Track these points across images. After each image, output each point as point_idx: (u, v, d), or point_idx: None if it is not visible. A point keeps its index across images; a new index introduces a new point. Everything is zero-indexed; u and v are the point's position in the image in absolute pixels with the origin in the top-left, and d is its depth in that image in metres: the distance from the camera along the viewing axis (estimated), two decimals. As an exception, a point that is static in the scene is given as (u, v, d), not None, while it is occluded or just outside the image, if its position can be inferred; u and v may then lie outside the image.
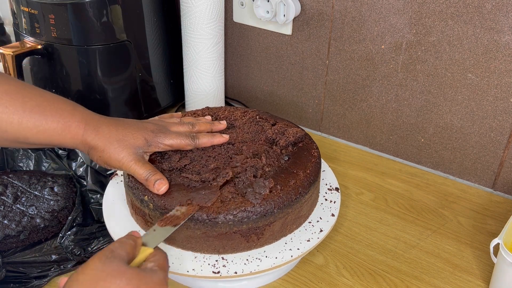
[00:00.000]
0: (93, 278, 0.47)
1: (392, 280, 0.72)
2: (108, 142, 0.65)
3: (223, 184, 0.65)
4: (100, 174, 0.86)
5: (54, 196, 0.80)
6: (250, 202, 0.63)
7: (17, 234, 0.74)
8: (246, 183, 0.65)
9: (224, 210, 0.62)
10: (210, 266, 0.63)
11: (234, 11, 1.04)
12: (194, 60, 0.99)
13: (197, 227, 0.62)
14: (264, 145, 0.73)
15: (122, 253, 0.51)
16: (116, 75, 0.98)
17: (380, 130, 0.98)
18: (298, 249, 0.66)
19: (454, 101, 0.87)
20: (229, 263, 0.64)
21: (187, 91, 1.04)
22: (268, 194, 0.64)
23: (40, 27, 0.92)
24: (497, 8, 0.77)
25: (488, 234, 0.80)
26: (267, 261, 0.64)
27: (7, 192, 0.80)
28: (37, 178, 0.84)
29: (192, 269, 0.63)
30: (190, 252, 0.65)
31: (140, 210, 0.66)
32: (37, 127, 0.62)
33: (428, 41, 0.85)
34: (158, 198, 0.64)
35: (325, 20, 0.94)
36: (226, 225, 0.62)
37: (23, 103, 0.61)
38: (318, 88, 1.02)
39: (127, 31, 0.94)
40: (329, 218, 0.71)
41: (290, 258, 0.65)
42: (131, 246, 0.53)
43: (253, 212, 0.62)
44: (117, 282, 0.47)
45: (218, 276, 0.62)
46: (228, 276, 0.62)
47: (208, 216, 0.61)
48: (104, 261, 0.49)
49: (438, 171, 0.94)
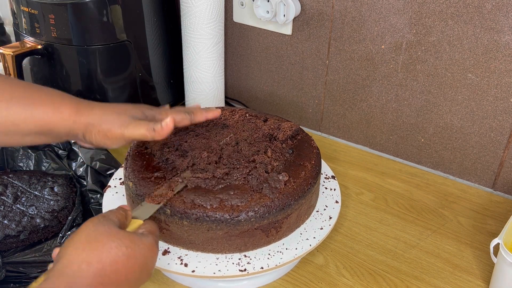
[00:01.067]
0: (86, 238, 0.49)
1: (392, 280, 0.72)
2: (104, 115, 0.63)
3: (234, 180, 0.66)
4: (100, 174, 0.86)
5: (54, 196, 0.80)
6: (268, 197, 0.64)
7: (17, 234, 0.74)
8: (261, 179, 0.66)
9: (245, 208, 0.62)
10: (235, 265, 0.64)
11: (234, 11, 1.04)
12: (194, 60, 0.99)
13: (220, 228, 0.62)
14: (264, 141, 0.74)
15: (114, 218, 0.53)
16: (116, 75, 0.98)
17: (380, 130, 0.98)
18: (314, 238, 0.69)
19: (454, 101, 0.87)
20: (253, 259, 0.65)
21: (187, 91, 1.04)
22: (283, 187, 0.66)
23: (40, 27, 0.92)
24: (497, 8, 0.77)
25: (488, 234, 0.80)
26: (288, 253, 0.66)
27: (7, 192, 0.80)
28: (37, 178, 0.84)
29: (218, 270, 0.63)
30: (211, 254, 0.65)
31: (154, 217, 0.64)
32: (26, 112, 0.59)
33: (428, 41, 0.85)
34: (175, 203, 0.63)
35: (325, 20, 0.94)
36: (248, 222, 0.63)
37: (11, 92, 0.60)
38: (318, 88, 1.02)
39: (127, 31, 0.94)
40: (334, 205, 0.75)
41: (309, 247, 0.67)
42: (121, 215, 0.55)
43: (272, 206, 0.64)
44: (109, 242, 0.49)
45: (245, 274, 0.63)
46: (254, 273, 0.63)
47: (230, 215, 0.62)
48: (97, 223, 0.51)
49: (438, 171, 0.94)
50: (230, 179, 0.65)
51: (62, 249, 0.49)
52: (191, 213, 0.62)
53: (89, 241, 0.49)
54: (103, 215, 0.53)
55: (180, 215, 0.62)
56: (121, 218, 0.54)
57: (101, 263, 0.48)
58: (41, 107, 0.60)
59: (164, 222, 0.64)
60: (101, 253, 0.48)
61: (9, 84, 0.61)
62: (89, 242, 0.49)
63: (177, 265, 0.63)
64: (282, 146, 0.73)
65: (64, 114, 0.61)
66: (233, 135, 0.75)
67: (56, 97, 0.63)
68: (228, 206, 0.62)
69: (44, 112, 0.60)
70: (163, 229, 0.65)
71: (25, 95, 0.60)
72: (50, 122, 0.61)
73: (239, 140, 0.74)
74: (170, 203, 0.62)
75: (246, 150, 0.71)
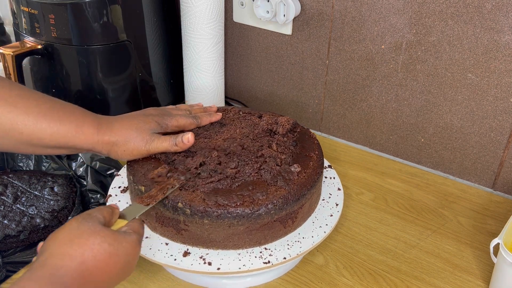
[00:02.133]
0: (69, 236, 0.50)
1: (392, 280, 0.72)
2: (127, 134, 0.68)
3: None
4: (100, 174, 0.86)
5: (54, 196, 0.80)
6: (284, 189, 0.66)
7: (17, 234, 0.74)
8: (274, 173, 0.67)
9: (265, 201, 0.64)
10: (257, 258, 0.65)
11: (234, 11, 1.04)
12: (194, 60, 0.99)
13: (241, 223, 0.63)
14: (266, 136, 0.75)
15: (99, 216, 0.54)
16: (116, 75, 0.98)
17: (380, 130, 0.98)
18: (327, 225, 0.71)
19: (454, 101, 0.87)
20: (274, 251, 0.66)
21: (187, 91, 1.04)
22: (297, 178, 0.68)
23: (40, 27, 0.92)
24: (497, 8, 0.77)
25: (488, 234, 0.80)
26: (306, 242, 0.68)
27: (7, 192, 0.80)
28: (37, 178, 0.84)
29: (243, 265, 0.64)
30: (232, 250, 0.66)
31: (171, 219, 0.65)
32: (51, 128, 0.63)
33: (428, 41, 0.85)
34: (194, 202, 0.63)
35: (325, 20, 0.94)
36: (268, 215, 0.64)
37: (37, 105, 0.63)
38: (318, 88, 1.02)
39: (127, 31, 0.94)
40: (338, 192, 0.78)
41: (324, 234, 0.69)
42: (108, 212, 0.56)
43: (289, 197, 0.65)
44: (91, 239, 0.50)
45: (269, 266, 0.64)
46: (278, 264, 0.65)
47: (251, 209, 0.63)
48: (81, 221, 0.52)
49: (438, 171, 0.94)
50: (243, 176, 0.67)
51: (45, 243, 0.51)
52: (212, 211, 0.62)
53: (72, 238, 0.50)
54: (88, 212, 0.55)
55: (200, 214, 0.63)
56: (106, 215, 0.56)
57: (83, 258, 0.49)
58: (65, 124, 0.64)
59: (183, 223, 0.64)
60: (83, 249, 0.49)
61: (35, 99, 0.64)
62: (72, 238, 0.50)
63: (201, 265, 0.64)
64: (284, 139, 0.74)
65: (86, 134, 0.66)
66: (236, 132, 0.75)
67: (79, 115, 0.67)
68: (249, 201, 0.63)
69: (68, 130, 0.65)
70: (181, 230, 0.65)
71: (51, 112, 0.64)
72: (73, 140, 0.65)
73: (239, 137, 0.74)
74: (189, 204, 0.63)
75: (251, 146, 0.72)
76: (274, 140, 0.74)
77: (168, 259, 0.64)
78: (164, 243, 0.66)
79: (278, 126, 0.76)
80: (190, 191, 0.64)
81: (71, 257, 0.48)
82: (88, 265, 0.49)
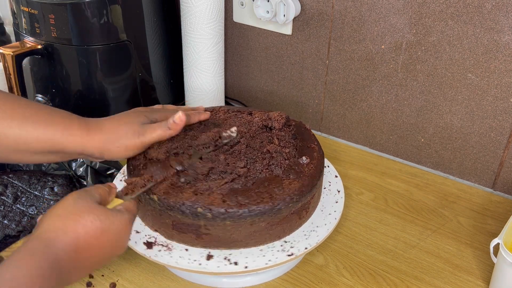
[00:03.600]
0: (65, 212, 0.53)
1: (392, 280, 0.72)
2: (117, 129, 0.66)
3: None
4: (100, 174, 0.86)
5: (54, 196, 0.80)
6: (297, 181, 0.67)
7: (17, 234, 0.74)
8: (284, 167, 0.68)
9: (283, 195, 0.65)
10: (280, 252, 0.66)
11: (234, 11, 1.04)
12: (194, 60, 0.99)
13: (262, 219, 0.64)
14: (264, 132, 0.76)
15: (95, 194, 0.56)
16: (116, 75, 0.98)
17: (380, 130, 0.98)
18: (335, 211, 0.73)
19: (454, 101, 0.87)
20: (294, 243, 0.67)
21: (187, 91, 1.04)
22: (307, 170, 0.69)
23: (40, 27, 0.92)
24: (497, 8, 0.77)
25: (488, 234, 0.80)
26: (321, 230, 0.70)
27: (7, 192, 0.80)
28: (37, 178, 0.84)
29: (268, 260, 0.65)
30: (253, 247, 0.66)
31: (191, 226, 0.64)
32: (37, 130, 0.62)
33: (428, 41, 0.85)
34: (214, 205, 0.62)
35: (325, 20, 0.94)
36: (287, 208, 0.65)
37: (22, 109, 0.62)
38: (318, 88, 1.02)
39: (127, 31, 0.94)
40: (336, 179, 0.80)
41: (335, 220, 0.72)
42: (104, 191, 0.58)
43: (303, 189, 0.67)
44: (84, 216, 0.52)
45: (293, 257, 0.65)
46: (301, 254, 0.66)
47: (271, 205, 0.63)
48: (76, 198, 0.54)
49: (438, 171, 0.94)
50: (254, 173, 0.67)
51: (42, 217, 0.53)
52: (234, 212, 0.62)
53: (67, 214, 0.52)
54: (86, 189, 0.57)
55: (222, 216, 0.62)
56: (103, 193, 0.57)
57: (76, 233, 0.51)
58: (51, 127, 0.63)
59: (204, 227, 0.63)
60: (76, 225, 0.52)
61: (20, 104, 0.63)
62: (67, 215, 0.52)
63: (227, 266, 0.64)
64: (282, 134, 0.75)
65: (75, 136, 0.64)
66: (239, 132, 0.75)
67: (66, 118, 0.65)
68: (267, 197, 0.64)
69: (55, 133, 0.63)
70: (202, 234, 0.64)
71: (37, 115, 0.63)
72: (61, 143, 0.63)
73: (240, 135, 0.74)
74: (209, 208, 0.62)
75: (253, 144, 0.72)
76: (273, 136, 0.74)
77: (192, 264, 0.63)
78: (184, 249, 0.65)
79: (273, 121, 0.77)
80: (205, 194, 0.63)
81: (65, 232, 0.51)
82: (80, 240, 0.51)
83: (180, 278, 0.71)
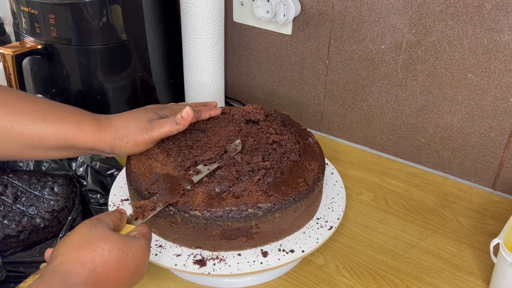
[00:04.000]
0: (79, 241, 0.50)
1: (392, 280, 0.72)
2: (127, 126, 0.68)
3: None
4: (100, 174, 0.86)
5: (54, 196, 0.80)
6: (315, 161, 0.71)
7: (17, 234, 0.74)
8: (298, 152, 0.72)
9: (311, 176, 0.68)
10: (320, 228, 0.70)
11: (234, 11, 1.04)
12: (194, 60, 0.99)
13: (303, 203, 0.67)
14: (253, 127, 0.77)
15: (108, 221, 0.54)
16: (116, 75, 0.98)
17: (380, 130, 0.98)
18: (339, 206, 0.75)
19: (454, 101, 0.87)
20: (325, 217, 0.72)
21: (187, 91, 1.04)
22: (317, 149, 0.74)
23: (40, 27, 0.92)
24: (497, 8, 0.77)
25: (488, 234, 0.80)
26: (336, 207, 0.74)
27: (7, 192, 0.80)
28: (37, 178, 0.83)
29: (317, 239, 0.68)
30: (296, 232, 0.69)
31: (241, 229, 0.64)
32: (51, 127, 0.63)
33: (428, 41, 0.85)
34: (261, 202, 0.63)
35: (325, 20, 0.94)
36: (317, 187, 0.69)
37: (36, 107, 0.63)
38: (318, 88, 1.02)
39: (127, 31, 0.94)
40: (332, 170, 0.82)
41: (343, 199, 0.76)
42: (116, 218, 0.56)
43: (322, 166, 0.71)
44: (101, 245, 0.50)
45: (333, 230, 0.70)
46: (337, 226, 0.70)
47: (307, 187, 0.66)
48: (90, 226, 0.52)
49: (438, 171, 0.94)
50: (276, 163, 0.69)
51: (55, 250, 0.50)
52: (281, 203, 0.64)
53: (82, 243, 0.50)
54: (98, 217, 0.54)
55: (272, 210, 0.64)
56: (115, 220, 0.55)
57: (94, 264, 0.49)
58: (64, 123, 0.64)
59: (255, 227, 0.64)
60: (93, 255, 0.49)
61: (33, 101, 0.64)
62: (82, 244, 0.50)
63: (286, 256, 0.65)
64: (271, 123, 0.78)
65: (87, 132, 0.65)
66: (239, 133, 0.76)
67: (78, 114, 0.66)
68: (303, 182, 0.67)
69: (68, 129, 0.64)
70: (253, 234, 0.64)
71: (49, 112, 0.64)
72: (73, 139, 0.65)
73: (236, 133, 0.75)
74: (257, 205, 0.63)
75: (255, 138, 0.74)
76: (264, 127, 0.76)
77: (256, 265, 0.64)
78: (236, 255, 0.65)
79: (253, 114, 0.78)
80: (246, 195, 0.64)
81: (82, 263, 0.48)
82: (99, 271, 0.49)
83: (180, 278, 0.71)
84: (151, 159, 0.70)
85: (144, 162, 0.69)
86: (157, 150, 0.71)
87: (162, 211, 0.64)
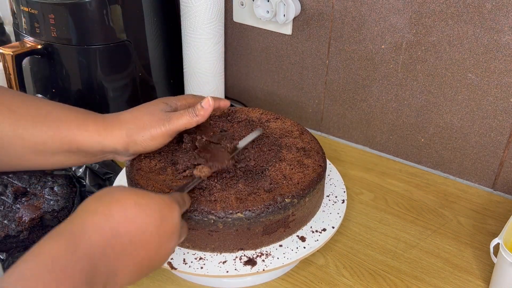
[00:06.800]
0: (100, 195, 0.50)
1: (392, 280, 0.72)
2: (139, 120, 0.63)
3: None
4: (98, 177, 0.86)
5: (54, 196, 0.80)
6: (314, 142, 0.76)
7: (17, 234, 0.74)
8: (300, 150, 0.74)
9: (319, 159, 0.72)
10: (334, 214, 0.72)
11: (234, 11, 1.04)
12: (194, 60, 0.99)
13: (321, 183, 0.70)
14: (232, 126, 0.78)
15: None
16: (116, 75, 0.98)
17: (380, 130, 0.98)
18: (343, 201, 0.76)
19: (454, 101, 0.87)
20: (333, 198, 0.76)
21: (187, 91, 1.04)
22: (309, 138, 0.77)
23: (40, 27, 0.92)
24: (497, 8, 0.77)
25: (488, 234, 0.80)
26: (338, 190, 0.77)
27: (7, 192, 0.80)
28: (37, 178, 0.84)
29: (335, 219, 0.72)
30: (313, 221, 0.71)
31: (281, 220, 0.65)
32: (52, 129, 0.59)
33: (428, 41, 0.85)
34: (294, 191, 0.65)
35: (325, 20, 0.94)
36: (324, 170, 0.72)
37: (37, 109, 0.60)
38: (318, 88, 1.02)
39: (127, 31, 0.94)
40: (329, 166, 0.84)
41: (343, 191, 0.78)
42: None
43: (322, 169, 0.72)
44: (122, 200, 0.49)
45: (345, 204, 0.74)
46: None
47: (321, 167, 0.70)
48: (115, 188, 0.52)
49: (438, 171, 0.94)
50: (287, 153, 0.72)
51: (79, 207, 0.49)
52: (310, 188, 0.67)
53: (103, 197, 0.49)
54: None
55: (303, 196, 0.66)
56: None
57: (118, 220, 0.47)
58: (66, 124, 0.60)
59: (291, 215, 0.66)
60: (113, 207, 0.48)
61: (37, 103, 0.61)
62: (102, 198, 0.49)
63: (321, 235, 0.68)
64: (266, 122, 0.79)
65: (91, 131, 0.61)
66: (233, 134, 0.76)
67: (81, 115, 0.62)
68: (318, 165, 0.70)
69: (70, 129, 0.60)
70: (289, 222, 0.67)
71: (51, 113, 0.60)
72: (77, 140, 0.60)
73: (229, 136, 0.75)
74: (292, 194, 0.65)
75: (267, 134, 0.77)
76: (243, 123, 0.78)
77: (300, 251, 0.66)
78: (278, 246, 0.67)
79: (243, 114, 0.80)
80: (279, 186, 0.65)
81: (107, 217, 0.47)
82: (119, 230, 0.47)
83: (181, 279, 0.71)
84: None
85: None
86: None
87: (201, 222, 0.62)
